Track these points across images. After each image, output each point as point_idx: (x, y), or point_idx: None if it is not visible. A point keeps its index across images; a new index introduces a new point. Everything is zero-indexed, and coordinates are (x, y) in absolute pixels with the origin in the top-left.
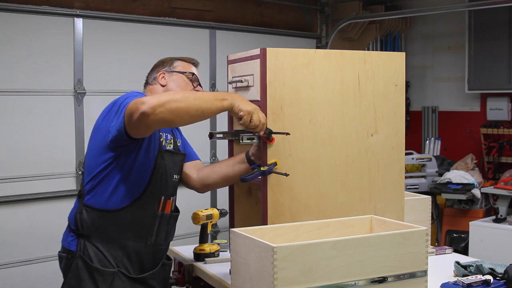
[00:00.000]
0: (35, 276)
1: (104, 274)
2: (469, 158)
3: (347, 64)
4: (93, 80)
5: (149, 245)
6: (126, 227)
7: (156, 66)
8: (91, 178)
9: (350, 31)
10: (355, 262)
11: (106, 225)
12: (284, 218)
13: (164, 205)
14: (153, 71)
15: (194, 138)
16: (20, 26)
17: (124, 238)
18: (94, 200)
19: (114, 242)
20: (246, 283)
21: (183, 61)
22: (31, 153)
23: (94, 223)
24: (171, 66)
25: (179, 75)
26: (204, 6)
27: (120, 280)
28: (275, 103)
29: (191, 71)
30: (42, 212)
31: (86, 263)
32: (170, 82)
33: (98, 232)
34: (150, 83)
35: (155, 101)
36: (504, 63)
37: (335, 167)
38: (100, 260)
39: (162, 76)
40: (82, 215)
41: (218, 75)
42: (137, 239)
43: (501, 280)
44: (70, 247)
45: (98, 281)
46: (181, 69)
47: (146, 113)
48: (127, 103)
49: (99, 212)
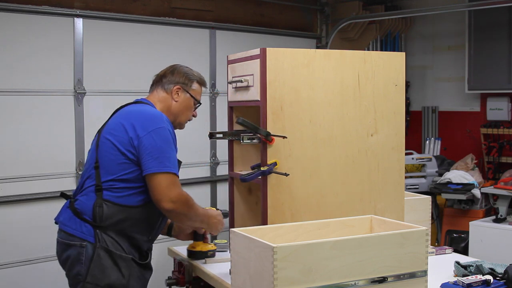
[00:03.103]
0: (35, 276)
1: (126, 260)
2: (469, 158)
3: (347, 64)
4: (93, 80)
5: (149, 239)
6: (138, 222)
7: (177, 74)
8: (113, 178)
9: (350, 31)
10: (355, 262)
11: (123, 219)
12: (284, 218)
13: None
14: (171, 77)
15: (194, 138)
16: (20, 26)
17: (133, 231)
18: (116, 196)
19: (124, 235)
20: (246, 283)
21: (199, 84)
22: (31, 153)
23: (113, 217)
24: (189, 87)
25: (190, 99)
26: (204, 6)
27: (133, 267)
28: (275, 103)
29: (199, 101)
30: (42, 212)
31: (109, 251)
32: (181, 102)
33: (115, 225)
34: (165, 89)
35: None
36: (504, 63)
37: (335, 167)
38: (117, 249)
39: (177, 91)
40: (102, 209)
41: (218, 75)
42: (143, 234)
43: (501, 280)
44: (86, 238)
45: (121, 267)
46: (195, 94)
47: (167, 207)
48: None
49: (120, 207)
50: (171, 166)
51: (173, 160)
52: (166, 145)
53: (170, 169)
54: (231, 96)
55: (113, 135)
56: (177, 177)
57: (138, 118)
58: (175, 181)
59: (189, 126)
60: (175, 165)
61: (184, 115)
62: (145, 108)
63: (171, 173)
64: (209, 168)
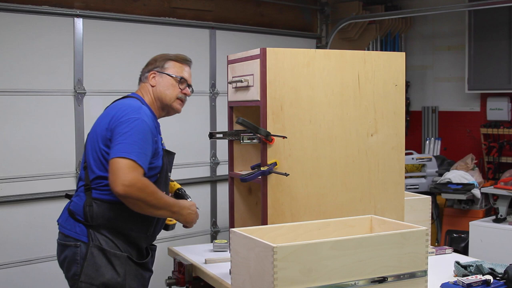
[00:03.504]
0: (35, 276)
1: (120, 258)
2: (469, 158)
3: (347, 64)
4: (93, 80)
5: (148, 235)
6: (132, 219)
7: (149, 63)
8: (99, 175)
9: (350, 31)
10: (355, 262)
11: (115, 217)
12: (284, 218)
13: None
14: (146, 68)
15: (194, 138)
16: (20, 26)
17: (128, 228)
18: (103, 194)
19: (119, 232)
20: (246, 283)
21: (175, 61)
22: (31, 153)
23: (104, 215)
24: (163, 67)
25: (168, 77)
26: (204, 6)
27: (129, 265)
28: (275, 103)
29: (181, 75)
30: (42, 212)
31: (103, 249)
32: (158, 84)
33: (107, 223)
34: (143, 80)
35: (134, 193)
36: (504, 63)
37: (335, 167)
38: (110, 247)
39: (152, 76)
40: (92, 208)
41: (218, 75)
42: (140, 230)
43: (501, 280)
44: (80, 238)
45: (116, 265)
46: (171, 72)
47: (120, 191)
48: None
49: (110, 205)
50: (133, 153)
51: (139, 149)
52: (135, 135)
53: (129, 155)
54: (231, 96)
55: (96, 132)
56: (138, 166)
57: (115, 111)
58: (133, 167)
59: (189, 126)
60: (140, 155)
61: (166, 95)
62: (126, 101)
63: (131, 159)
64: (209, 168)
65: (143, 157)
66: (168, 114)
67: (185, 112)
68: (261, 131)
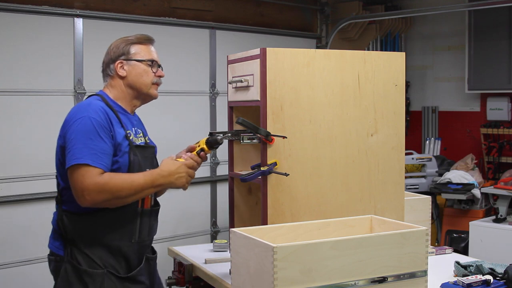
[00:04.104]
0: (35, 276)
1: (94, 276)
2: (469, 158)
3: (347, 64)
4: (93, 80)
5: (133, 242)
6: (108, 228)
7: (112, 51)
8: (64, 187)
9: (350, 31)
10: (355, 262)
11: (87, 228)
12: (284, 218)
13: (143, 200)
14: (109, 59)
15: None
16: (20, 26)
17: (108, 239)
18: (71, 205)
19: (98, 244)
20: (246, 283)
21: (139, 44)
22: (31, 153)
23: (75, 228)
24: (128, 54)
25: (137, 64)
26: (204, 6)
27: (110, 281)
28: (275, 103)
29: (150, 58)
30: (42, 212)
31: (75, 266)
32: (129, 74)
33: (82, 236)
34: (109, 73)
35: (97, 198)
36: (504, 63)
37: (335, 167)
38: (87, 262)
39: (120, 66)
40: (63, 221)
41: (218, 75)
42: (121, 238)
43: (501, 280)
44: (58, 252)
45: (88, 284)
46: (139, 57)
47: (84, 202)
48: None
49: (78, 216)
50: (83, 157)
51: (89, 150)
52: (82, 135)
53: (80, 160)
54: (231, 96)
55: (57, 140)
56: (91, 167)
57: (67, 116)
58: (85, 172)
59: (189, 126)
60: (92, 156)
61: (141, 83)
62: (80, 103)
63: (83, 164)
64: (209, 168)
65: (96, 157)
66: (144, 102)
67: (185, 112)
68: (261, 131)
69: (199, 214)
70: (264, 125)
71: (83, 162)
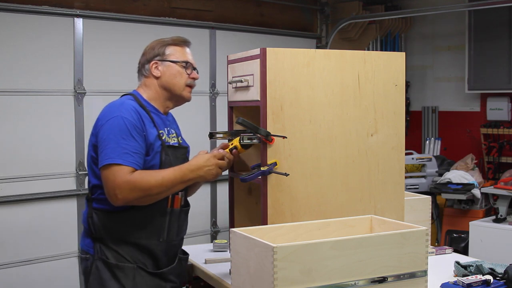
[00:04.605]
0: (35, 276)
1: (125, 269)
2: (469, 158)
3: (347, 64)
4: (93, 80)
5: (161, 242)
6: (137, 227)
7: (147, 52)
8: (95, 184)
9: (350, 31)
10: (355, 262)
11: (117, 227)
12: (284, 218)
13: (173, 201)
14: (144, 59)
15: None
16: (20, 26)
17: (136, 237)
18: (102, 204)
19: (127, 243)
20: (246, 283)
21: (175, 45)
22: (31, 153)
23: (105, 226)
24: (164, 55)
25: (172, 65)
26: (204, 6)
27: (140, 276)
28: (275, 103)
29: (184, 60)
30: (42, 212)
31: (106, 262)
32: (164, 74)
33: (111, 234)
34: (144, 74)
35: (128, 196)
36: (504, 63)
37: (335, 167)
38: (117, 259)
39: (155, 67)
40: (93, 219)
41: (218, 75)
42: (149, 237)
43: (501, 280)
44: (88, 250)
45: (120, 278)
46: (174, 58)
47: (116, 201)
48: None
49: (108, 214)
50: (116, 157)
51: (122, 149)
52: (113, 134)
53: (112, 160)
54: (231, 96)
55: (89, 140)
56: (123, 167)
57: (99, 115)
58: (117, 171)
59: (189, 126)
60: (124, 155)
61: (175, 85)
62: (112, 102)
63: (115, 164)
64: None
65: (127, 156)
66: (177, 104)
67: (185, 112)
68: (261, 131)
69: (199, 214)
70: (264, 125)
71: (115, 162)
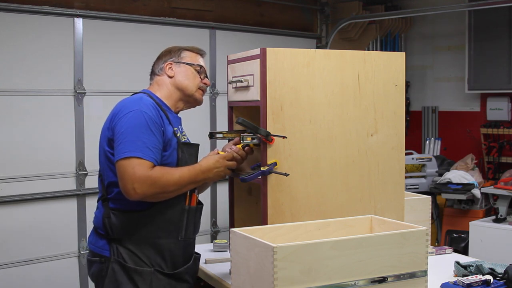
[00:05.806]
0: (35, 276)
1: (143, 274)
2: (469, 158)
3: (347, 64)
4: (93, 80)
5: (180, 240)
6: (156, 226)
7: (163, 55)
8: (111, 182)
9: (350, 31)
10: (355, 262)
11: (136, 226)
12: (284, 218)
13: (190, 198)
14: (159, 61)
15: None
16: (20, 26)
17: (156, 236)
18: (119, 203)
19: (146, 242)
20: (246, 283)
21: (190, 51)
22: (31, 153)
23: (123, 226)
24: (179, 57)
25: (186, 66)
26: (204, 6)
27: (157, 279)
28: (275, 103)
29: (199, 63)
30: (42, 212)
31: (123, 265)
32: (177, 74)
33: (129, 234)
34: (157, 73)
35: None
36: (504, 63)
37: (335, 167)
38: (135, 261)
39: (169, 67)
40: (110, 220)
41: (218, 75)
42: (168, 236)
43: (501, 280)
44: (102, 253)
45: (137, 282)
46: (189, 60)
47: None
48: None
49: (128, 214)
50: (135, 150)
51: (142, 143)
52: (132, 128)
53: (132, 153)
54: (231, 96)
55: (102, 135)
56: (144, 161)
57: (116, 109)
58: (138, 164)
59: (189, 126)
60: (143, 149)
61: (187, 85)
62: (129, 97)
63: (135, 157)
64: None
65: (147, 150)
66: (189, 106)
67: (185, 112)
68: (261, 131)
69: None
70: (264, 125)
71: (136, 155)
